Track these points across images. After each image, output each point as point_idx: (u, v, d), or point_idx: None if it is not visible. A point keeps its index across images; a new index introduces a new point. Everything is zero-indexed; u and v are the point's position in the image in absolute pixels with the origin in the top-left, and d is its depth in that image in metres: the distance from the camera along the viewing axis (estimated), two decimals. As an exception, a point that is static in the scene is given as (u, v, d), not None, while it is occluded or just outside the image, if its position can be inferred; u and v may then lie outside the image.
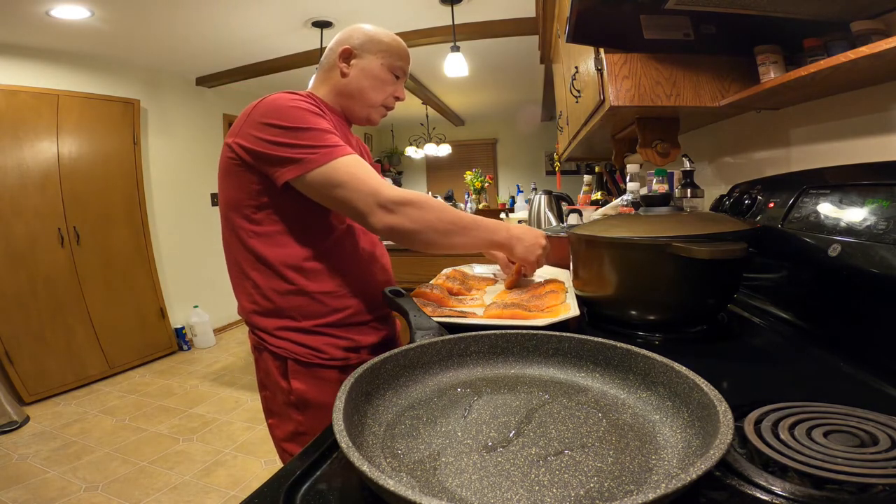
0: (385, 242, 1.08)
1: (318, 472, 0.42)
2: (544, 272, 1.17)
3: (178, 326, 3.84)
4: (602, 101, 1.11)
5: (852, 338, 0.64)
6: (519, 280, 1.04)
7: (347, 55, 0.93)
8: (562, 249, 1.26)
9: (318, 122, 0.82)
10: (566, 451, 0.41)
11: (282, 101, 0.81)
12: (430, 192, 6.51)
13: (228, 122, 4.38)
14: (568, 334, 0.57)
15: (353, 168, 0.80)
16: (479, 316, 0.82)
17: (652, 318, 0.78)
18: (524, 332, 0.59)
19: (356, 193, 0.80)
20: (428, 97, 5.29)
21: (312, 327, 0.88)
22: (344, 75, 0.94)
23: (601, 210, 1.67)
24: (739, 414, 0.44)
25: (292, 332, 0.88)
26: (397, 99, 0.99)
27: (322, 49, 3.36)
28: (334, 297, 0.90)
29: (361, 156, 1.02)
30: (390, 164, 7.40)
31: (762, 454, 0.39)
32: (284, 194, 0.83)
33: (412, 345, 0.55)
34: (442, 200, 0.76)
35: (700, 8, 0.84)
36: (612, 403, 0.49)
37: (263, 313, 0.89)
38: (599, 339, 0.54)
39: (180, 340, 3.83)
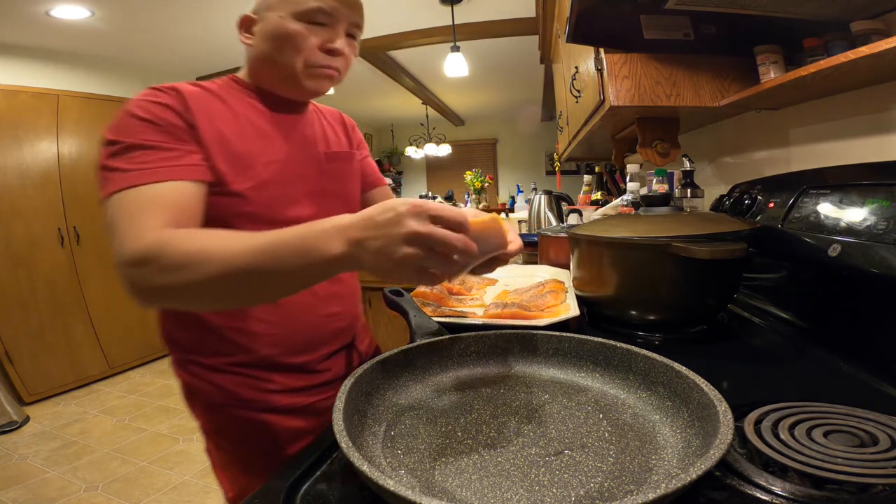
0: None
1: (318, 472, 0.42)
2: (544, 272, 1.16)
3: (178, 326, 3.84)
4: (602, 101, 1.11)
5: (852, 338, 0.64)
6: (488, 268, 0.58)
7: (247, 24, 0.74)
8: (562, 249, 1.26)
9: (137, 133, 0.61)
10: (566, 451, 0.41)
11: (123, 107, 0.64)
12: (429, 193, 6.51)
13: (228, 122, 4.37)
14: (568, 334, 0.57)
15: (118, 212, 0.57)
16: (479, 316, 0.82)
17: (652, 318, 0.78)
18: (524, 332, 0.59)
19: (112, 241, 0.57)
20: (428, 97, 5.29)
21: (220, 365, 0.72)
22: (249, 48, 0.74)
23: (601, 210, 1.66)
24: (739, 414, 0.44)
25: (196, 365, 0.73)
26: (332, 52, 0.70)
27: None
28: (246, 334, 0.71)
29: (328, 145, 0.81)
30: (390, 164, 7.40)
31: (762, 454, 0.39)
32: None
33: (412, 345, 0.55)
34: (210, 233, 0.54)
35: (700, 8, 0.84)
36: (612, 403, 0.49)
37: (171, 340, 0.75)
38: (599, 339, 0.54)
39: (180, 340, 3.83)
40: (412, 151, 6.61)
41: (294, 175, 0.74)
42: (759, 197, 0.95)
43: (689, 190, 1.20)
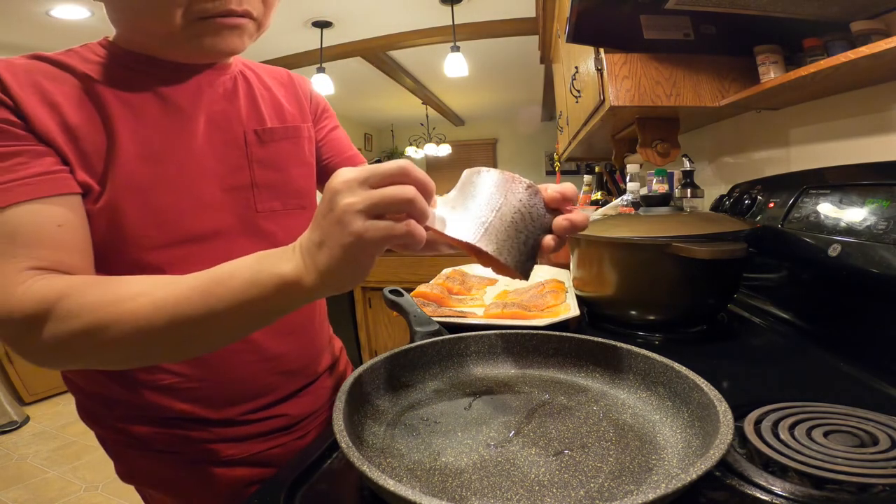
0: None
1: (318, 472, 0.42)
2: (544, 272, 1.16)
3: (178, 326, 3.83)
4: (602, 101, 1.11)
5: (852, 338, 0.64)
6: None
7: None
8: (562, 249, 1.26)
9: None
10: (566, 451, 0.41)
11: None
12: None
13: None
14: (568, 334, 0.57)
15: None
16: (479, 316, 0.82)
17: (652, 318, 0.78)
18: (524, 332, 0.59)
19: None
20: (428, 97, 5.30)
21: (131, 416, 0.58)
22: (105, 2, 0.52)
23: (601, 210, 1.67)
24: (739, 414, 0.44)
25: (104, 412, 0.59)
26: None
27: (321, 49, 3.36)
28: (153, 389, 0.56)
29: (261, 120, 0.61)
30: (390, 164, 7.39)
31: (762, 454, 0.39)
32: None
33: (412, 345, 0.55)
34: (117, 282, 0.41)
35: (700, 8, 0.84)
36: (612, 403, 0.49)
37: (69, 381, 0.62)
38: (599, 339, 0.54)
39: (180, 340, 3.83)
40: (412, 151, 6.62)
41: (197, 169, 0.54)
42: (759, 197, 0.95)
43: (689, 190, 1.20)
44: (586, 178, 2.56)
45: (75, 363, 0.43)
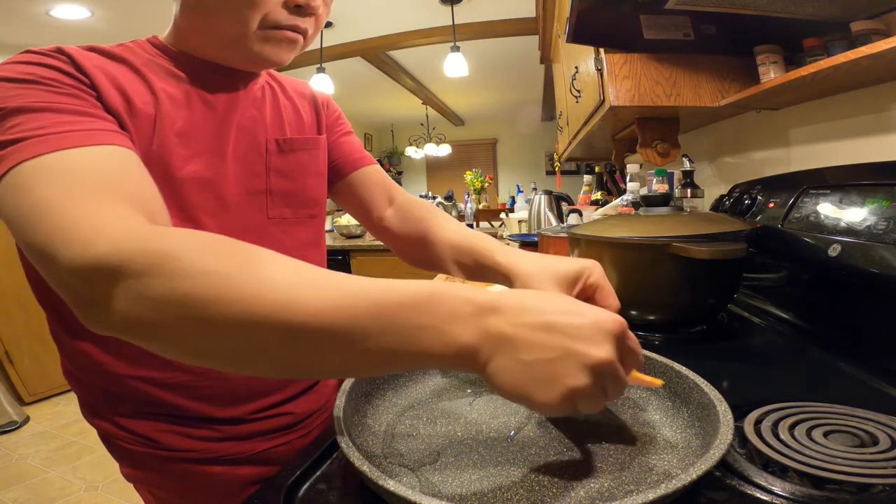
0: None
1: (318, 472, 0.42)
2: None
3: (178, 326, 3.83)
4: (602, 101, 1.11)
5: (852, 338, 0.64)
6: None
7: None
8: (562, 249, 1.26)
9: (19, 97, 0.40)
10: (566, 451, 0.41)
11: None
12: (429, 193, 6.50)
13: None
14: (568, 334, 0.57)
15: (36, 188, 0.35)
16: (479, 316, 0.82)
17: (652, 318, 0.78)
18: (524, 332, 0.59)
19: (36, 237, 0.33)
20: (428, 97, 5.30)
21: (134, 411, 0.57)
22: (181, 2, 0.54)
23: (601, 210, 1.66)
24: (739, 414, 0.44)
25: (108, 408, 0.58)
26: (303, 9, 0.52)
27: (321, 49, 3.36)
28: (154, 384, 0.55)
29: (283, 129, 0.63)
30: (390, 164, 7.40)
31: (762, 454, 0.39)
32: None
33: (412, 345, 0.55)
34: (237, 245, 0.32)
35: (700, 8, 0.84)
36: (612, 403, 0.49)
37: (70, 376, 0.59)
38: (599, 339, 0.54)
39: (180, 340, 3.82)
40: (412, 151, 6.62)
41: (220, 174, 0.56)
42: (759, 197, 0.95)
43: (689, 190, 1.20)
44: (586, 178, 2.55)
45: (141, 335, 0.32)
